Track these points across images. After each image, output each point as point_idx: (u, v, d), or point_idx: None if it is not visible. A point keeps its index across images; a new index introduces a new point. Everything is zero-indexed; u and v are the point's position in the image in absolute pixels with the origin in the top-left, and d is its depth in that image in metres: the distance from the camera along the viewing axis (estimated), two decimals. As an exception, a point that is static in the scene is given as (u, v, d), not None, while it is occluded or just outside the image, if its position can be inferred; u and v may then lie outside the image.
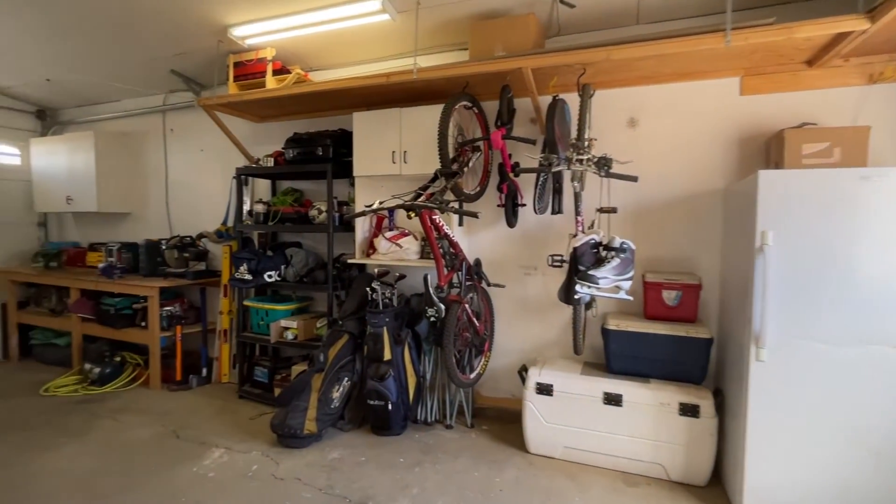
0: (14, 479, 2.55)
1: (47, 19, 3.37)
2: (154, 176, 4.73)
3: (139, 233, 4.77)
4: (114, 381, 3.97)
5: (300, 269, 3.58)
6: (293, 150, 3.50)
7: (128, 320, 4.13)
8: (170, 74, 4.04)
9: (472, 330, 2.99)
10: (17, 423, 3.26)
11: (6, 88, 4.71)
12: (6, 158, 4.95)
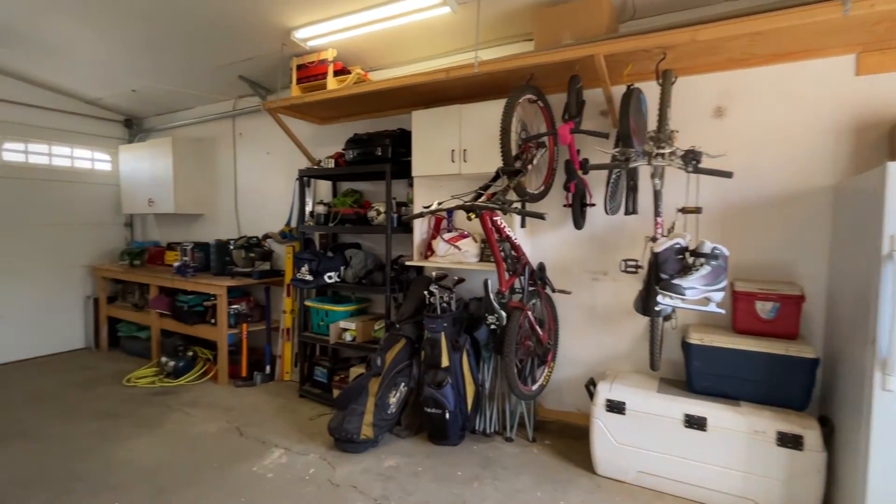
0: (93, 468, 2.70)
1: (134, 34, 3.59)
2: (224, 178, 4.94)
3: (211, 233, 5.00)
4: (186, 375, 4.17)
5: (359, 270, 3.56)
6: (353, 150, 3.48)
7: (199, 317, 4.32)
8: (238, 80, 4.18)
9: (534, 339, 2.80)
10: (104, 411, 3.49)
11: (98, 100, 5.11)
12: (99, 164, 5.38)
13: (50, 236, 4.96)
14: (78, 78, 4.58)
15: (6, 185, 4.63)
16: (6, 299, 4.66)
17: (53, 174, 5.00)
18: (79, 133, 5.17)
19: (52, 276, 5.00)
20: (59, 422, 3.31)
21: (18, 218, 4.72)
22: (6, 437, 3.08)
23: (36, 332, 4.87)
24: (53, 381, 4.16)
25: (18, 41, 3.75)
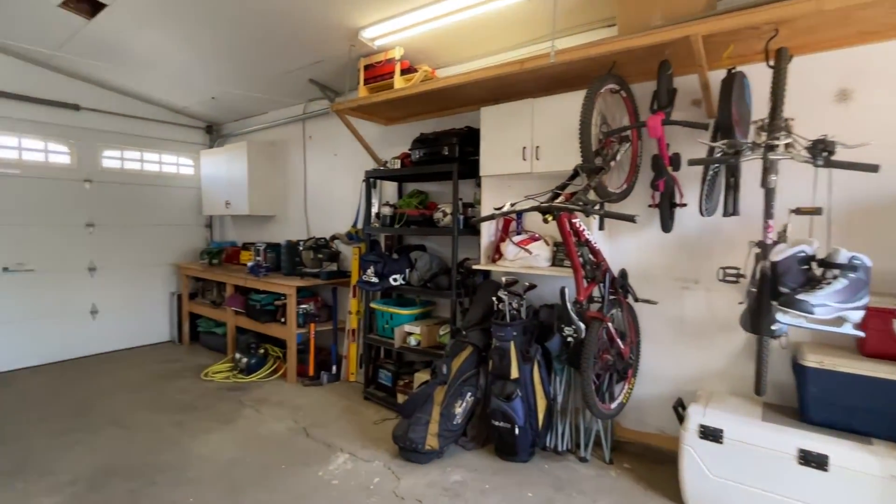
0: (173, 460, 2.80)
1: (211, 44, 3.75)
2: (295, 181, 5.07)
3: (282, 234, 5.16)
4: (258, 372, 4.30)
5: (424, 273, 3.46)
6: (419, 150, 3.39)
7: (271, 315, 4.45)
8: (308, 84, 4.25)
9: (614, 352, 2.55)
10: (184, 404, 3.66)
11: (184, 109, 5.44)
12: (183, 169, 5.73)
13: (140, 236, 5.34)
14: (166, 88, 4.89)
15: (105, 190, 5.03)
16: (104, 295, 5.07)
17: (144, 178, 5.38)
18: (166, 140, 5.53)
19: (142, 274, 5.38)
20: (147, 412, 3.51)
21: (114, 219, 5.12)
22: (104, 423, 3.30)
23: (128, 325, 5.26)
24: (142, 372, 4.46)
25: (117, 57, 4.04)
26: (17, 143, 4.47)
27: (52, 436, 3.12)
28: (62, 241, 4.76)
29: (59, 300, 4.76)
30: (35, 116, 4.52)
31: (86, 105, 4.82)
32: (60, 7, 3.39)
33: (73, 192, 4.82)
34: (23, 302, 4.52)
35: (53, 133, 4.66)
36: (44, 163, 4.64)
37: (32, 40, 3.90)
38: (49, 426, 3.26)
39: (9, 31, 3.76)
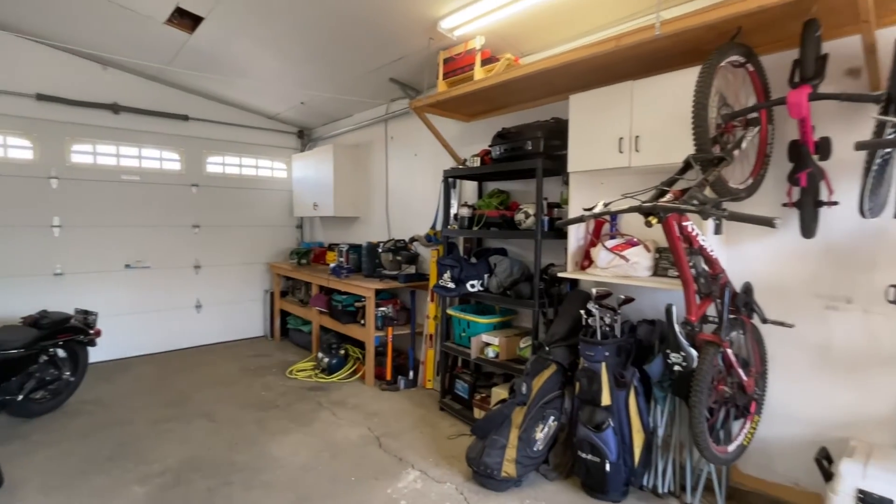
0: (250, 460, 2.83)
1: (297, 48, 3.82)
2: (377, 182, 5.06)
3: (365, 235, 5.18)
4: (338, 373, 4.32)
5: (503, 279, 3.19)
6: (499, 146, 3.13)
7: (351, 316, 4.46)
8: (390, 83, 4.18)
9: (732, 383, 2.09)
10: (267, 402, 3.76)
11: (277, 115, 5.70)
12: (277, 173, 6.03)
13: (239, 236, 5.69)
14: (260, 96, 5.14)
15: (208, 193, 5.43)
16: (207, 290, 5.47)
17: (242, 182, 5.72)
18: (262, 145, 5.84)
19: (240, 272, 5.74)
20: (233, 406, 3.64)
21: (216, 221, 5.50)
22: (196, 415, 3.48)
23: (227, 319, 5.63)
24: (234, 366, 4.70)
25: (216, 67, 4.29)
26: (137, 153, 4.95)
27: (151, 423, 3.34)
28: (173, 240, 5.20)
29: (169, 295, 5.20)
30: (151, 127, 4.98)
31: (194, 115, 5.23)
32: (166, 24, 3.63)
33: (183, 196, 5.25)
34: (140, 295, 5.00)
35: (167, 142, 5.11)
36: (159, 169, 5.10)
37: (148, 57, 4.26)
38: (150, 413, 3.51)
39: (127, 49, 4.14)
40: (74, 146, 4.58)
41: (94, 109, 4.62)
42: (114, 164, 4.82)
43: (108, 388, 4.02)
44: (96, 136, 4.68)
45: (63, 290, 4.52)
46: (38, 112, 4.36)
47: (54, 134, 4.45)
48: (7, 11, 3.77)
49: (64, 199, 4.53)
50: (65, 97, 4.45)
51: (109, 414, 3.50)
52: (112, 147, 4.80)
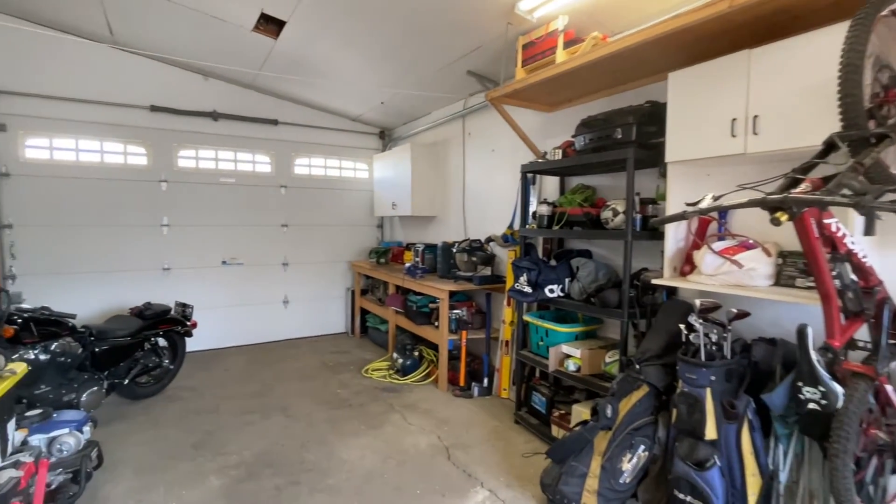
0: (319, 461, 2.81)
1: (376, 45, 3.79)
2: (454, 180, 4.92)
3: (442, 235, 5.07)
4: (412, 375, 4.24)
5: (587, 285, 2.87)
6: (584, 136, 2.81)
7: (425, 318, 4.36)
8: (467, 77, 4.00)
9: (890, 428, 1.61)
10: (341, 400, 3.77)
11: (359, 116, 5.80)
12: (359, 173, 6.15)
13: (323, 235, 5.89)
14: (342, 98, 5.24)
15: (296, 194, 5.66)
16: (294, 287, 5.72)
17: (326, 183, 5.90)
18: (346, 147, 5.98)
19: (324, 269, 5.93)
20: (309, 402, 3.70)
21: (303, 220, 5.73)
22: (275, 409, 3.58)
23: (312, 315, 5.85)
24: (315, 361, 4.83)
25: (300, 70, 4.41)
26: (233, 156, 5.30)
27: (235, 414, 3.49)
28: (264, 239, 5.49)
29: (260, 290, 5.51)
30: (245, 132, 5.29)
31: (283, 120, 5.48)
32: (253, 31, 3.78)
33: (273, 197, 5.53)
34: (234, 290, 5.34)
35: (259, 146, 5.41)
36: (252, 172, 5.42)
37: (241, 65, 4.51)
38: (235, 404, 3.67)
39: (223, 59, 4.40)
40: (181, 152, 5.00)
41: (197, 117, 5.01)
42: (213, 168, 5.19)
43: (204, 377, 4.30)
44: (198, 142, 5.07)
45: (169, 284, 4.95)
46: (152, 122, 4.81)
47: (164, 141, 4.89)
48: (127, 32, 4.19)
49: (171, 200, 4.96)
50: (173, 107, 4.87)
51: (201, 401, 3.72)
52: (212, 152, 5.17)
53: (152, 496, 2.46)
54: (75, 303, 4.48)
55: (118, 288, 4.69)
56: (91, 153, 4.61)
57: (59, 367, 2.98)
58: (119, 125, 4.66)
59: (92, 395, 3.08)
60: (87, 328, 3.25)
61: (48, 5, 3.87)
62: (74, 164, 4.53)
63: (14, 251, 4.33)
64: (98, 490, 2.49)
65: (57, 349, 2.97)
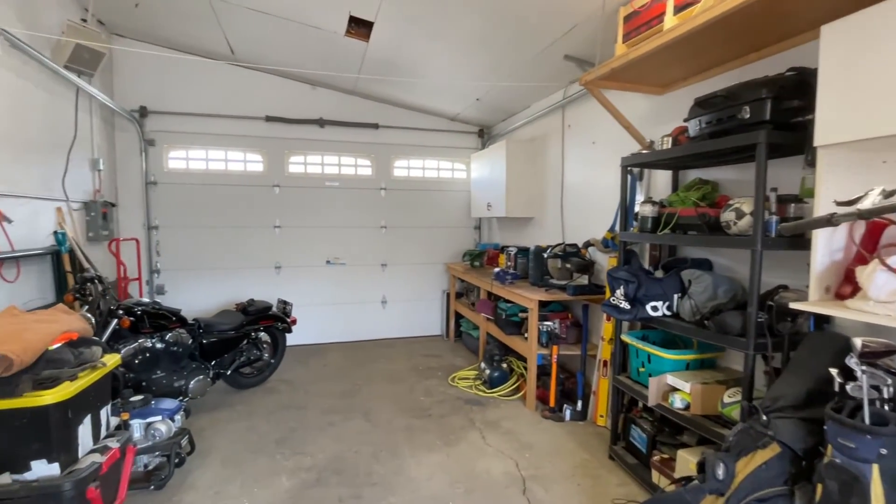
0: (387, 476, 2.69)
1: (467, 37, 3.61)
2: (552, 178, 4.50)
3: (539, 238, 4.70)
4: (499, 388, 3.96)
5: (701, 303, 2.31)
6: (699, 118, 2.26)
7: (515, 328, 4.04)
8: (565, 62, 3.60)
9: None
10: (422, 408, 3.64)
11: (456, 115, 5.66)
12: (457, 173, 6.01)
13: (420, 237, 5.87)
14: (438, 97, 5.14)
15: (394, 196, 5.73)
16: (391, 288, 5.80)
17: (425, 184, 5.88)
18: (444, 147, 5.89)
19: (421, 271, 5.92)
20: (391, 408, 3.63)
21: (401, 222, 5.78)
22: (356, 412, 3.58)
23: (408, 316, 5.88)
24: (406, 364, 4.79)
25: (395, 70, 4.40)
26: (337, 161, 5.53)
27: (320, 412, 3.56)
28: (364, 240, 5.65)
29: (360, 290, 5.67)
30: (348, 137, 5.48)
31: (383, 123, 5.57)
32: (346, 36, 3.84)
33: (373, 199, 5.66)
34: (336, 289, 5.57)
35: (361, 150, 5.57)
36: (354, 175, 5.60)
37: (341, 72, 4.65)
38: (322, 402, 3.76)
39: (325, 67, 4.57)
40: (291, 158, 5.35)
41: (305, 125, 5.31)
42: (319, 172, 5.47)
43: (302, 371, 4.52)
44: (307, 148, 5.38)
45: (279, 281, 5.33)
46: (267, 131, 5.21)
47: (277, 148, 5.27)
48: (244, 50, 4.57)
49: (283, 204, 5.33)
50: (285, 116, 5.22)
51: (294, 396, 3.88)
52: (318, 157, 5.45)
53: (229, 489, 2.55)
54: (201, 295, 5.04)
55: (236, 283, 5.18)
56: (217, 162, 5.14)
57: (172, 356, 3.29)
58: (240, 136, 5.12)
59: (199, 383, 3.36)
60: (196, 321, 3.57)
61: (182, 33, 4.38)
62: (204, 172, 5.10)
63: (159, 249, 5.00)
64: (188, 475, 2.66)
65: (171, 339, 3.29)
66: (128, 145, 4.80)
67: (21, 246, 3.11)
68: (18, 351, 1.70)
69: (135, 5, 3.92)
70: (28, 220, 3.27)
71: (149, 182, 4.90)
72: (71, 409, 1.87)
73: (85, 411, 1.99)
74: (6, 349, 1.68)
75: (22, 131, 3.22)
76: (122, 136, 4.77)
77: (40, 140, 3.43)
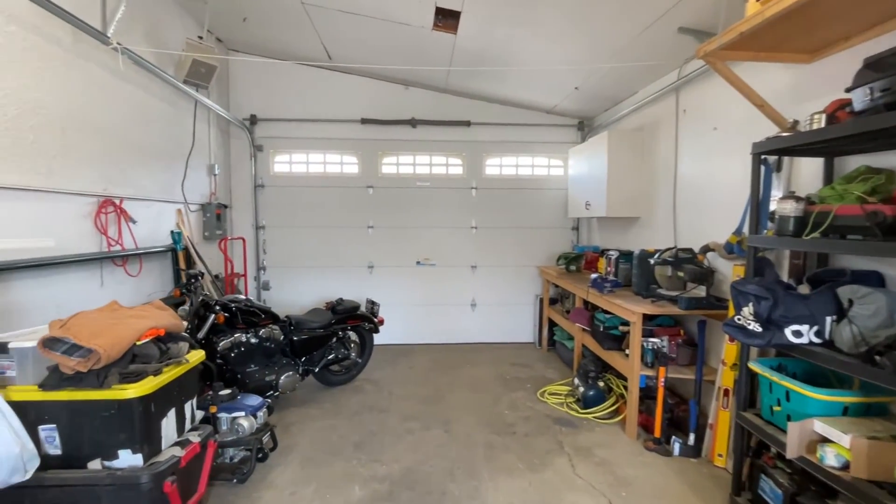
0: (462, 497, 2.48)
1: (561, 19, 3.26)
2: (663, 172, 3.93)
3: (645, 240, 4.16)
4: (594, 408, 3.54)
5: (869, 330, 1.75)
6: (872, 84, 1.70)
7: (614, 342, 3.58)
8: (679, 36, 3.08)
9: None
10: (506, 424, 3.37)
11: (553, 107, 5.27)
12: (553, 170, 5.61)
13: (512, 238, 5.58)
14: (533, 89, 4.82)
15: (485, 195, 5.51)
16: (481, 290, 5.59)
17: (517, 183, 5.57)
18: (539, 143, 5.53)
19: (512, 274, 5.62)
20: (472, 420, 3.42)
21: (491, 222, 5.55)
22: (436, 422, 3.42)
23: (498, 321, 5.62)
24: (492, 371, 4.54)
25: (485, 62, 4.18)
26: (428, 160, 5.46)
27: (400, 418, 3.46)
28: (454, 240, 5.51)
29: (449, 291, 5.55)
30: (439, 136, 5.39)
31: (475, 120, 5.38)
32: (433, 29, 3.71)
33: (463, 199, 5.50)
34: (426, 290, 5.52)
35: (452, 148, 5.44)
36: (445, 175, 5.49)
37: (431, 71, 4.56)
38: (405, 407, 3.67)
39: (414, 64, 4.51)
40: (384, 159, 5.40)
41: (398, 126, 5.32)
42: (411, 173, 5.45)
43: (388, 372, 4.50)
44: (399, 148, 5.39)
45: (371, 281, 5.42)
46: (362, 133, 5.32)
47: (371, 150, 5.35)
48: (340, 54, 4.68)
49: (376, 204, 5.40)
50: (379, 118, 5.28)
51: (378, 397, 3.85)
52: (410, 157, 5.43)
53: (305, 491, 2.53)
54: (301, 292, 5.30)
55: (332, 281, 5.36)
56: (316, 165, 5.36)
57: (265, 351, 3.43)
58: (337, 139, 5.29)
59: (289, 379, 3.46)
60: (288, 318, 3.69)
61: (284, 43, 4.60)
62: (305, 174, 5.35)
63: (265, 247, 5.36)
64: (269, 472, 2.71)
65: (264, 335, 3.43)
66: (240, 151, 5.20)
67: (144, 244, 3.46)
68: (106, 346, 1.79)
69: (243, 20, 4.20)
70: (151, 221, 3.62)
71: (257, 185, 5.26)
72: (154, 403, 1.95)
73: (169, 405, 2.07)
74: (95, 343, 1.77)
75: (147, 141, 3.58)
76: (235, 143, 5.18)
77: (163, 148, 3.80)
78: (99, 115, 3.03)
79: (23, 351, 1.83)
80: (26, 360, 1.84)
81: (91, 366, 1.78)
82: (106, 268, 3.10)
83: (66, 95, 2.74)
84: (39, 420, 1.84)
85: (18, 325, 2.30)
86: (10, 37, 2.37)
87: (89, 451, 1.88)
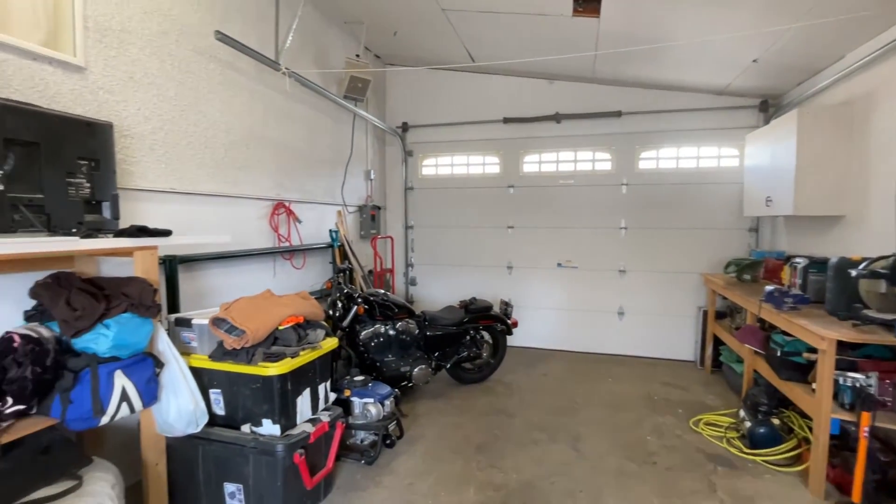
0: (577, 524, 2.26)
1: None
2: (878, 157, 3.01)
3: (853, 245, 3.26)
4: (765, 449, 2.89)
5: None
6: None
7: (796, 371, 2.87)
8: (908, -26, 2.31)
9: None
10: (645, 453, 2.98)
11: (726, 87, 4.47)
12: (725, 161, 4.76)
13: (669, 240, 4.92)
14: (697, 67, 4.16)
15: (638, 192, 4.97)
16: (630, 297, 5.07)
17: (678, 177, 4.88)
18: (708, 130, 4.75)
19: (668, 281, 4.96)
20: (606, 442, 3.11)
21: (644, 222, 4.97)
22: (565, 436, 3.19)
23: (650, 333, 5.02)
24: (638, 389, 4.07)
25: (636, 43, 3.75)
26: (573, 157, 5.16)
27: (527, 426, 3.33)
28: (598, 242, 5.11)
29: (593, 297, 5.16)
30: (586, 130, 5.04)
31: (626, 110, 4.89)
32: (574, 16, 3.47)
33: (611, 196, 5.05)
34: (566, 294, 5.23)
35: (599, 142, 5.04)
36: (590, 171, 5.12)
37: (576, 60, 4.29)
38: (533, 415, 3.52)
39: (558, 56, 4.28)
40: (525, 157, 5.29)
41: (541, 122, 5.15)
42: (553, 170, 5.22)
43: (522, 376, 4.38)
44: (541, 146, 5.21)
45: (510, 281, 5.36)
46: (504, 133, 5.29)
47: (513, 149, 5.29)
48: (482, 55, 4.73)
49: (516, 204, 5.32)
50: (521, 116, 5.18)
51: (507, 401, 3.78)
52: (553, 154, 5.21)
53: (421, 485, 2.60)
54: (443, 289, 5.53)
55: (472, 280, 5.46)
56: (460, 167, 5.52)
57: (401, 343, 3.65)
58: (480, 140, 5.37)
59: (421, 371, 3.62)
60: (423, 314, 3.86)
61: (429, 51, 4.84)
62: (449, 176, 5.55)
63: (413, 246, 5.73)
64: (394, 458, 2.86)
65: (401, 328, 3.65)
66: (393, 156, 5.65)
67: (308, 241, 3.99)
68: (253, 328, 2.09)
69: (394, 34, 4.53)
70: (315, 221, 4.16)
71: (407, 188, 5.65)
72: (291, 381, 2.21)
73: (304, 385, 2.33)
74: (245, 325, 2.08)
75: (313, 151, 4.11)
76: (390, 150, 5.65)
77: (326, 157, 4.33)
78: (274, 132, 3.58)
79: (201, 327, 2.25)
80: (203, 334, 2.26)
81: (243, 344, 2.10)
82: (277, 261, 3.66)
83: (249, 117, 3.30)
84: (210, 385, 2.25)
85: (210, 304, 2.86)
86: (210, 73, 2.95)
87: (243, 416, 2.23)
